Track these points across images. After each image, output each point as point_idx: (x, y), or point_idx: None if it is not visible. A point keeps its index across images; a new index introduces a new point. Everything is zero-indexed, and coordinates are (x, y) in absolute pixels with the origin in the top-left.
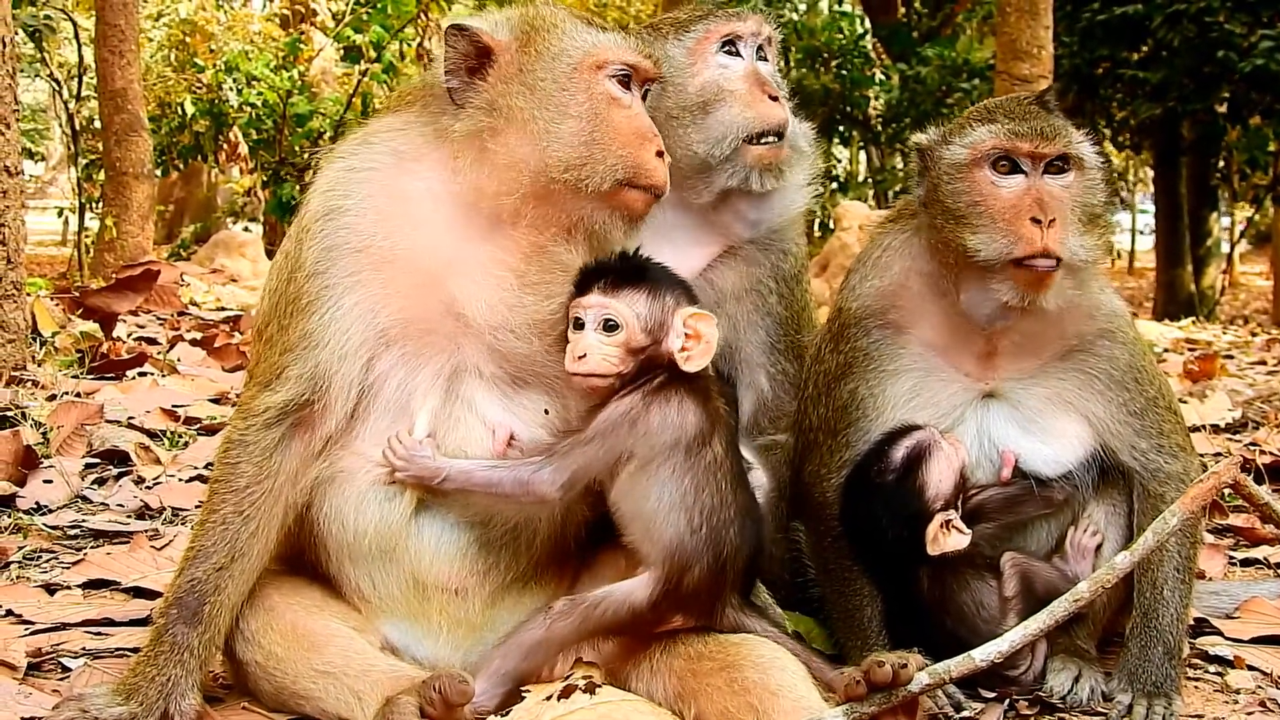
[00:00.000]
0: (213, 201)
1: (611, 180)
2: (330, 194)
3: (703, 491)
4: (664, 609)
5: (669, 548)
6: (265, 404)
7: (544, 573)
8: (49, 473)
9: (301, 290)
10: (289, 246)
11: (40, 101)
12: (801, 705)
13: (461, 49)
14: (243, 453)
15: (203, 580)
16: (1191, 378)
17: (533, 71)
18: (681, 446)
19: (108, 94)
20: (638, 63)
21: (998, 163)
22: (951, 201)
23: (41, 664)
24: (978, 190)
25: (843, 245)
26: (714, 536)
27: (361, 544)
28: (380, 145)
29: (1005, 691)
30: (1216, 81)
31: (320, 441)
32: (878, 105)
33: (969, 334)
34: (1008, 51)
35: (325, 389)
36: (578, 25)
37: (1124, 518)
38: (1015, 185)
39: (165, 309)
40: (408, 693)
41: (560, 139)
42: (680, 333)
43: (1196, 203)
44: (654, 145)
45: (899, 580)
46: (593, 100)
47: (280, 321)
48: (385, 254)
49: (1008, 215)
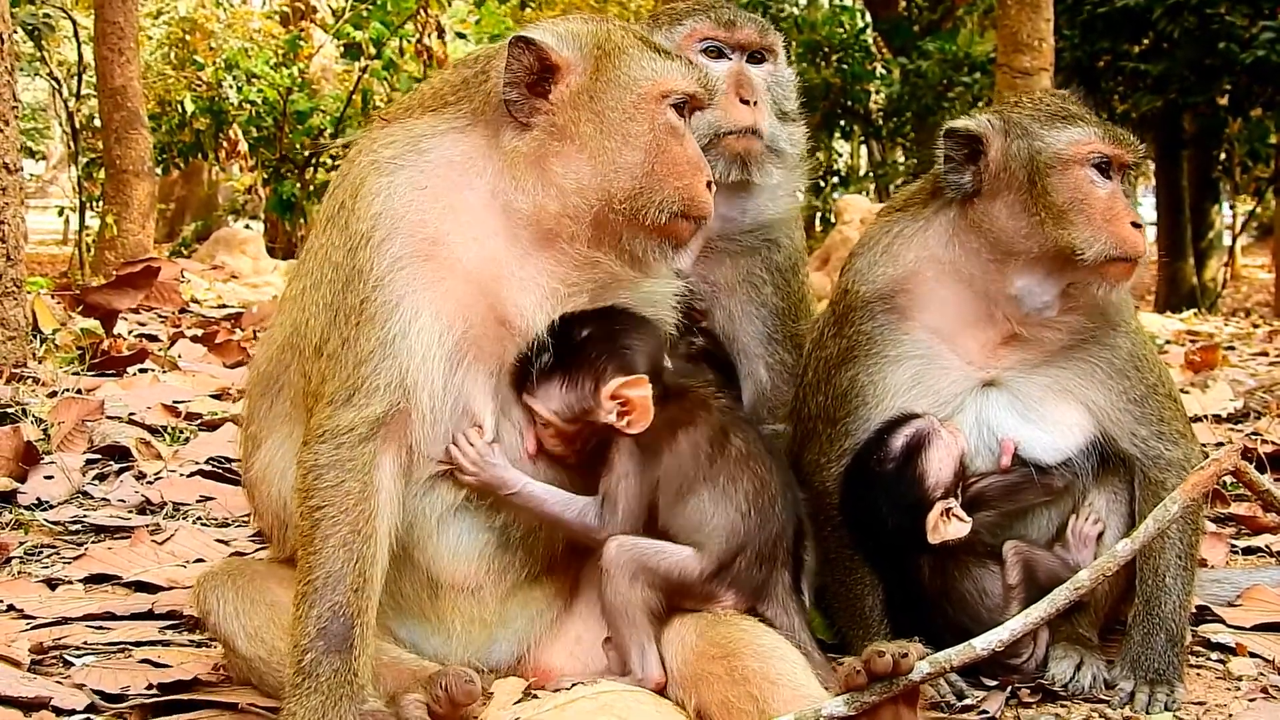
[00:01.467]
0: (213, 199)
1: (668, 213)
2: (390, 200)
3: (739, 480)
4: (713, 585)
5: (723, 532)
6: (353, 420)
7: (554, 568)
8: (50, 469)
9: (367, 300)
10: (338, 258)
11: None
12: (801, 694)
13: (526, 63)
14: (343, 473)
15: (344, 604)
16: (1193, 368)
17: (602, 99)
18: (703, 458)
19: (107, 92)
20: (697, 91)
21: (1100, 164)
22: (1054, 196)
23: (44, 659)
24: (1080, 189)
25: (844, 239)
26: (763, 517)
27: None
28: (434, 155)
29: (1007, 680)
30: (1218, 74)
31: (406, 452)
32: (878, 99)
33: (981, 321)
34: (1009, 44)
35: (413, 398)
36: (645, 51)
37: (1125, 505)
38: (1109, 188)
39: (166, 306)
40: (414, 690)
41: (624, 169)
42: (611, 408)
43: (1198, 195)
44: (705, 175)
45: (900, 569)
46: (655, 131)
47: (343, 334)
48: (448, 264)
49: (1109, 216)
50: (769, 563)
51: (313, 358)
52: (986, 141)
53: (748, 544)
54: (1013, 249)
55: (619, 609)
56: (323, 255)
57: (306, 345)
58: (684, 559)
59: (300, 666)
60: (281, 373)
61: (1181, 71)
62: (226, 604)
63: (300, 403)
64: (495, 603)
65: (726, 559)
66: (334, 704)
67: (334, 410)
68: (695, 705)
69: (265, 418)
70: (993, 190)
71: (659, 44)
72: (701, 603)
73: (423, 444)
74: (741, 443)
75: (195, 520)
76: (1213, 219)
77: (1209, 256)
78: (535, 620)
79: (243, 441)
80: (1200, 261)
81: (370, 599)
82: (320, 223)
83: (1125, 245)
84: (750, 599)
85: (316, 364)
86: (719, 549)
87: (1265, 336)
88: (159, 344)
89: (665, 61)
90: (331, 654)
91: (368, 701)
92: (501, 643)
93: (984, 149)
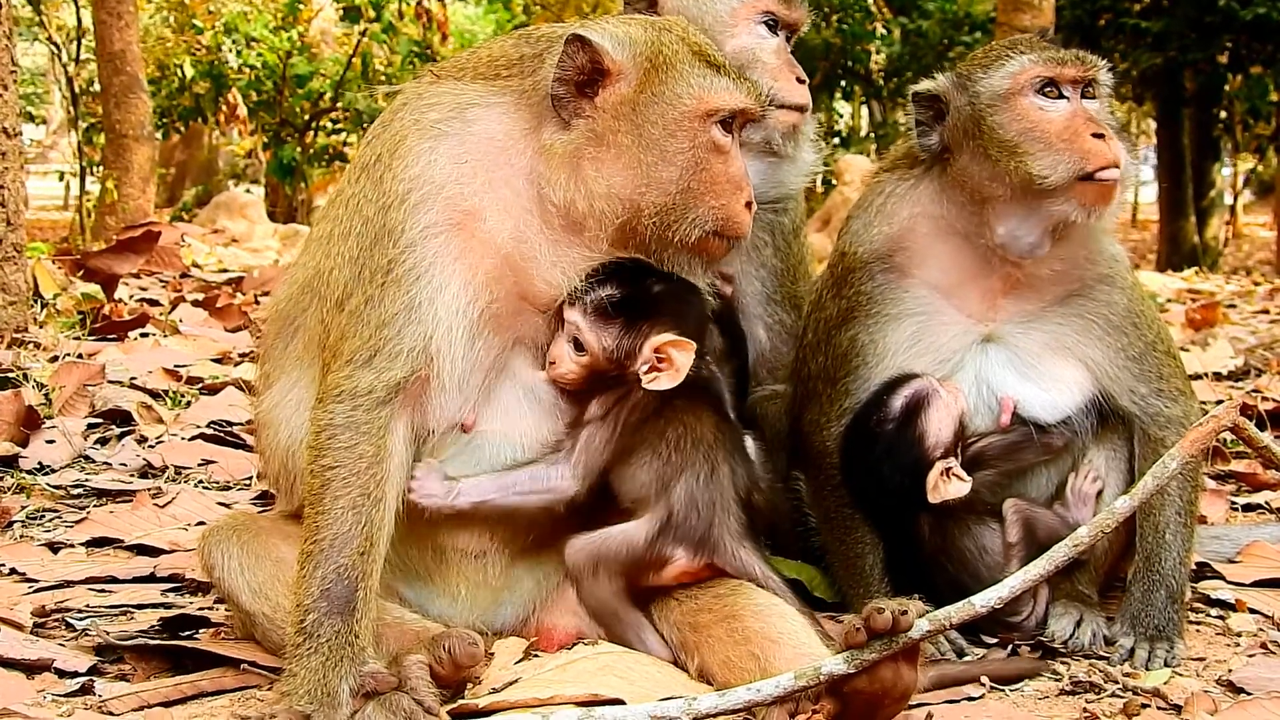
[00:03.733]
0: (213, 163)
1: (700, 231)
2: (431, 167)
3: (665, 432)
4: (660, 545)
5: (650, 485)
6: (372, 383)
7: (560, 532)
8: (52, 433)
9: (395, 260)
10: (369, 212)
11: (40, 65)
12: (802, 652)
13: (579, 62)
14: (357, 435)
15: (350, 567)
16: (1194, 326)
17: (645, 112)
18: (635, 418)
19: (106, 56)
20: (748, 107)
21: (1044, 89)
22: (1002, 133)
23: (46, 621)
24: (1027, 118)
25: (845, 200)
26: (685, 459)
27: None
28: (478, 128)
29: (1007, 637)
30: (1217, 31)
31: (420, 418)
32: (879, 59)
33: (982, 271)
34: (1009, 3)
35: (434, 366)
36: (695, 67)
37: (1124, 463)
38: (1063, 109)
39: (167, 270)
40: (418, 650)
41: (657, 185)
42: (649, 359)
43: (1199, 154)
44: (744, 195)
45: (900, 528)
46: (696, 149)
47: (366, 292)
48: (480, 238)
49: (1067, 136)
50: (708, 508)
51: (334, 310)
52: (947, 100)
53: (673, 488)
54: (987, 195)
55: (599, 608)
56: (354, 206)
57: (329, 294)
58: (627, 531)
59: (302, 626)
60: (299, 314)
61: (1181, 29)
62: (231, 559)
63: (314, 348)
64: (501, 567)
65: (662, 514)
66: (334, 665)
67: (353, 370)
68: (697, 666)
69: (280, 357)
70: (958, 144)
71: (714, 56)
72: (658, 570)
73: (436, 411)
74: (681, 398)
75: (197, 484)
76: (1214, 177)
77: (1210, 215)
78: (540, 583)
79: (257, 379)
80: (1201, 220)
81: (375, 563)
82: (354, 170)
83: (1087, 159)
84: (700, 551)
85: (337, 318)
86: (652, 504)
87: (1266, 294)
88: (160, 308)
89: (715, 79)
90: (334, 616)
91: (368, 663)
92: (507, 606)
93: (946, 108)
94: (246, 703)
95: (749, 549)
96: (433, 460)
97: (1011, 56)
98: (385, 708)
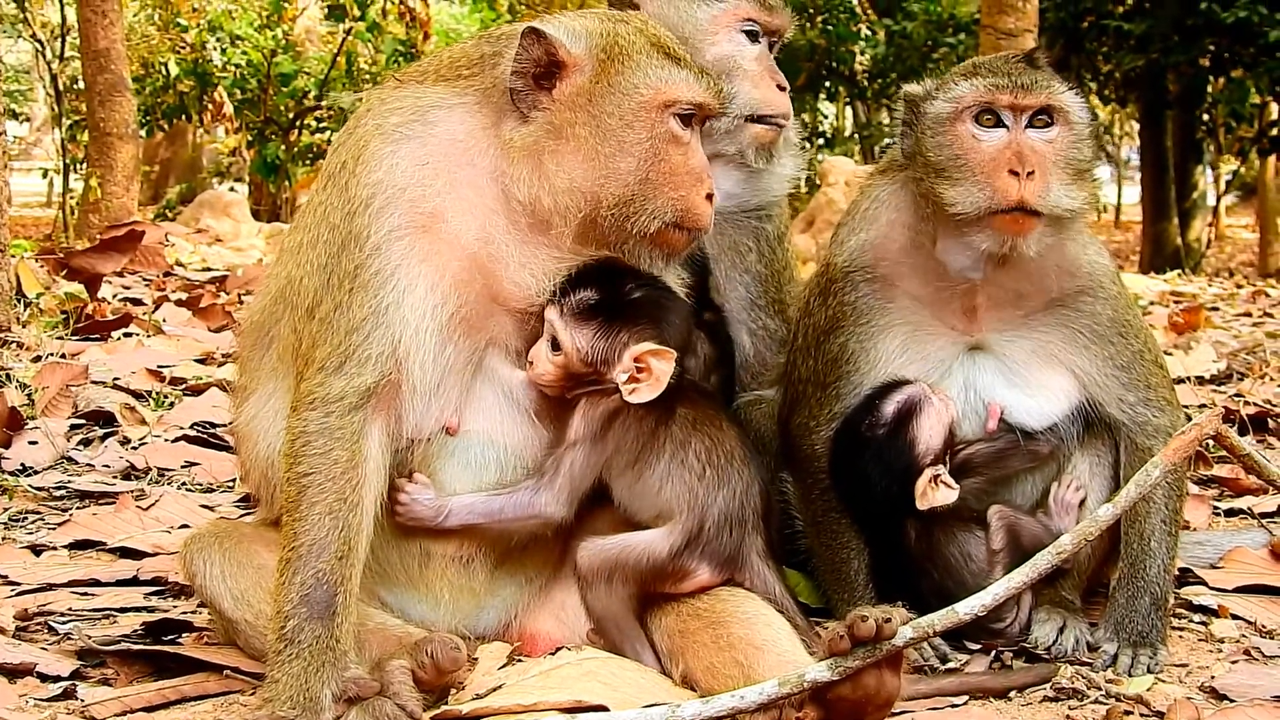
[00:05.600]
0: (198, 162)
1: (659, 222)
2: (393, 171)
3: (689, 444)
4: (684, 559)
5: (681, 499)
6: (343, 389)
7: (543, 538)
8: (34, 434)
9: (361, 265)
10: (335, 219)
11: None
12: (786, 659)
13: (534, 55)
14: (331, 441)
15: (328, 572)
16: (1177, 330)
17: (601, 103)
18: (647, 428)
19: (91, 54)
20: (705, 101)
21: (981, 116)
22: (934, 155)
23: (28, 625)
24: (959, 144)
25: (829, 201)
26: (720, 475)
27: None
28: (439, 130)
29: (991, 644)
30: (1200, 34)
31: (395, 421)
32: (863, 60)
33: (949, 288)
34: (993, 5)
35: (404, 369)
36: (652, 58)
37: (1108, 469)
38: (997, 139)
39: (150, 269)
40: (400, 655)
41: (616, 176)
42: (628, 368)
43: (1182, 156)
44: (705, 187)
45: (886, 533)
46: (654, 140)
47: (335, 299)
48: (446, 239)
49: (987, 168)
50: (738, 527)
51: (305, 319)
52: (916, 106)
53: (709, 506)
54: (925, 212)
55: (603, 615)
56: (321, 214)
57: (300, 303)
58: (650, 541)
59: (283, 633)
60: (273, 325)
61: (1164, 31)
62: (213, 566)
63: (288, 357)
64: (485, 573)
65: (692, 528)
66: (315, 670)
67: (325, 377)
68: (681, 672)
69: (256, 368)
70: (914, 153)
71: (673, 49)
72: (677, 582)
73: (411, 415)
74: (688, 409)
75: (180, 486)
76: (1196, 179)
77: (1193, 217)
78: (524, 588)
79: (235, 390)
80: (1184, 222)
81: (354, 567)
82: (322, 178)
83: (996, 195)
84: (725, 568)
85: (308, 326)
86: (682, 518)
87: (1249, 297)
88: (143, 308)
89: (674, 70)
90: (314, 621)
91: (350, 669)
92: (489, 610)
93: (915, 115)
94: (229, 708)
95: (771, 568)
96: (422, 477)
97: (958, 81)
98: (368, 713)
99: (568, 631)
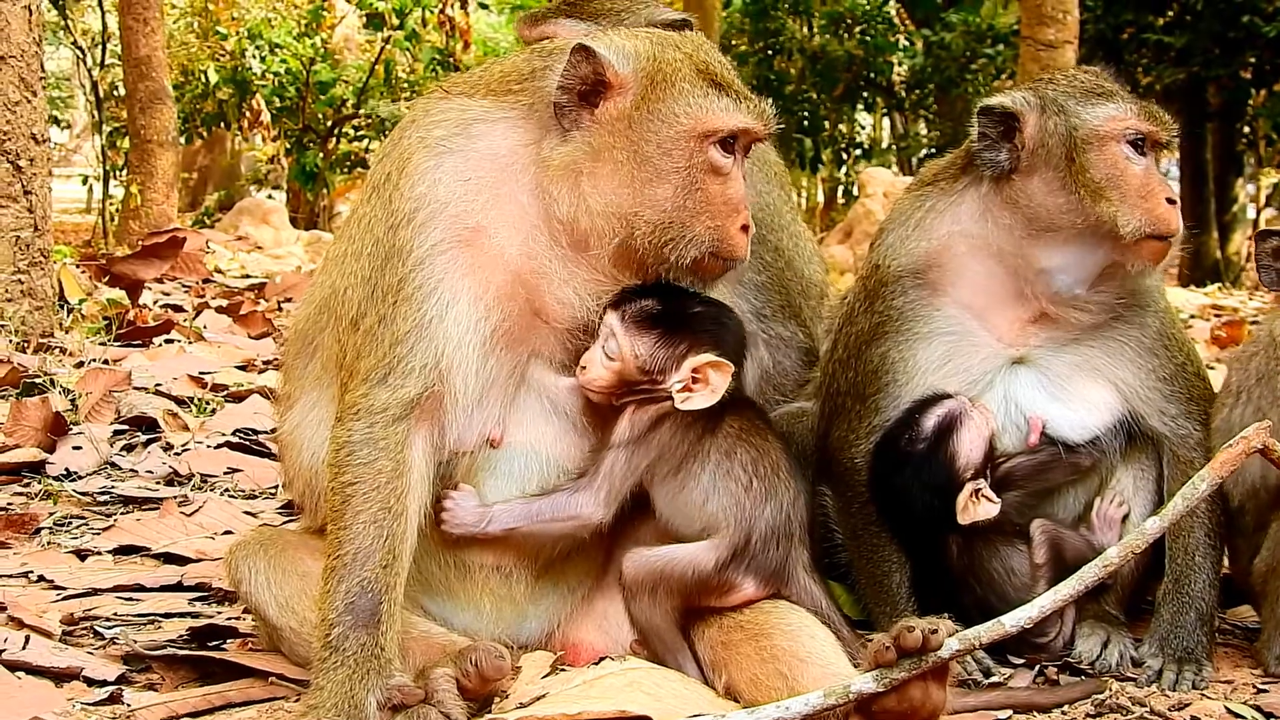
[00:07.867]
0: (236, 169)
1: (696, 251)
2: (436, 186)
3: (735, 454)
4: (730, 573)
5: (728, 511)
6: (387, 400)
7: (585, 546)
8: (78, 439)
9: (405, 279)
10: (379, 231)
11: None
12: (830, 671)
13: (582, 72)
14: (375, 451)
15: (373, 580)
16: (1219, 344)
17: (641, 129)
18: (693, 436)
19: (132, 62)
20: (749, 126)
21: (1134, 141)
22: (1092, 172)
23: (74, 629)
24: (1115, 165)
25: (867, 212)
26: (767, 487)
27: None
28: (482, 144)
29: (1034, 658)
30: (1241, 46)
31: (439, 432)
32: (901, 71)
33: (1012, 298)
34: (1033, 16)
35: (447, 382)
36: (696, 85)
37: (1151, 483)
38: (1142, 164)
39: (191, 276)
40: (444, 664)
41: (652, 203)
42: (685, 377)
43: (1222, 169)
44: (741, 218)
45: (927, 547)
46: (692, 169)
47: (379, 311)
48: (489, 253)
49: (1144, 193)
50: (785, 540)
51: (349, 330)
52: (1022, 119)
53: (756, 519)
54: (1051, 225)
55: (647, 625)
56: (365, 225)
57: (344, 314)
58: (696, 554)
59: (328, 640)
60: (317, 334)
61: (1205, 44)
62: (258, 573)
63: (332, 367)
64: (527, 583)
65: (739, 541)
66: (360, 678)
67: (369, 389)
68: (725, 683)
69: (300, 377)
70: (1030, 167)
71: (720, 73)
72: (722, 595)
73: (454, 427)
74: (733, 419)
75: (223, 492)
76: (1237, 192)
77: (1233, 230)
78: (566, 597)
79: (279, 398)
80: (1224, 235)
81: (399, 575)
82: (367, 188)
83: (1160, 223)
84: (771, 583)
85: (352, 337)
86: (729, 531)
87: None
88: (184, 315)
89: (716, 98)
90: (359, 629)
91: (395, 676)
92: (532, 620)
93: (1020, 126)
94: (274, 714)
95: (816, 581)
96: (468, 487)
97: (1113, 99)
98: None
99: (610, 641)
